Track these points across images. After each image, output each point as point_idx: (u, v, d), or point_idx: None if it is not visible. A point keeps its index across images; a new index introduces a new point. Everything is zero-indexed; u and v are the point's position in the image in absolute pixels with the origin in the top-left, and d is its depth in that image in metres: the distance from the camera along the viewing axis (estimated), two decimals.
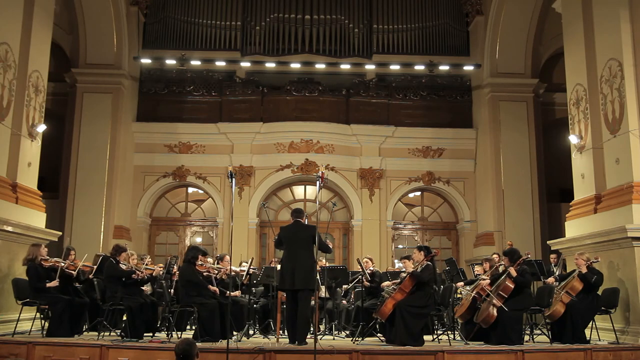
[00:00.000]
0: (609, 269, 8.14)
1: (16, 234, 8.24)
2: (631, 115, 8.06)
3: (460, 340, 7.73)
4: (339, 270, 8.60)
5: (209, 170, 13.18)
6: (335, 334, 8.44)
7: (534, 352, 6.68)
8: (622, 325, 7.81)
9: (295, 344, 6.83)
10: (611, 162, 8.41)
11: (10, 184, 8.49)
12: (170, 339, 7.17)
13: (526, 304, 7.42)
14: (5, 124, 8.37)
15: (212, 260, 8.94)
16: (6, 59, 8.35)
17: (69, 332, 7.34)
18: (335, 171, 13.00)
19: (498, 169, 12.60)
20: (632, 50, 8.21)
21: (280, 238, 7.26)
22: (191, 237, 13.50)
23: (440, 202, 13.86)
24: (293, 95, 13.29)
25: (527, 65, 12.80)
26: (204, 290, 7.42)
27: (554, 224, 12.37)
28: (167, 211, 13.66)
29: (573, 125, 9.51)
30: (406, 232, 13.71)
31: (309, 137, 13.03)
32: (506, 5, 12.25)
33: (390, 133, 13.22)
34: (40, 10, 9.19)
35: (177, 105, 13.44)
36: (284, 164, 13.04)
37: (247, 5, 13.81)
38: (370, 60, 13.65)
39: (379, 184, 13.16)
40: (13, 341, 6.92)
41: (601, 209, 8.53)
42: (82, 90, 12.47)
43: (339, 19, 13.69)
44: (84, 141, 12.23)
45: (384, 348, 6.85)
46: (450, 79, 13.78)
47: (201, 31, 13.65)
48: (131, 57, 12.92)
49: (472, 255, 12.71)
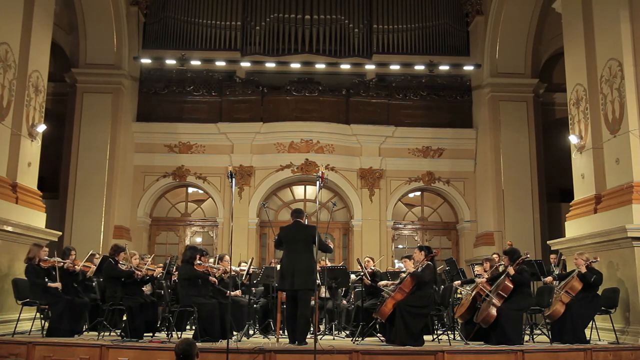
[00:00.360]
0: (609, 269, 8.14)
1: (16, 234, 8.24)
2: (631, 115, 8.06)
3: (460, 340, 7.73)
4: (339, 270, 8.60)
5: (209, 170, 13.18)
6: (335, 334, 8.43)
7: (534, 352, 6.68)
8: (622, 325, 7.81)
9: (295, 344, 6.83)
10: (611, 162, 8.41)
11: (10, 184, 8.49)
12: (170, 339, 7.17)
13: (526, 304, 7.42)
14: (5, 124, 8.37)
15: (213, 261, 8.92)
16: (6, 59, 8.35)
17: (69, 332, 7.34)
18: (335, 171, 13.00)
19: (498, 169, 12.61)
20: (632, 50, 8.21)
21: (280, 238, 7.26)
22: (191, 237, 13.50)
23: (440, 202, 13.86)
24: (293, 95, 13.29)
25: (527, 65, 12.81)
26: (204, 290, 7.42)
27: (554, 224, 12.37)
28: (167, 211, 13.66)
29: (573, 125, 9.51)
30: (406, 232, 13.71)
31: (309, 137, 13.03)
32: (506, 5, 12.25)
33: (390, 133, 13.22)
34: (40, 10, 9.19)
35: (177, 105, 13.44)
36: (284, 164, 13.05)
37: (247, 5, 13.81)
38: (370, 60, 13.65)
39: (379, 184, 13.17)
40: (13, 341, 6.92)
41: (601, 209, 8.53)
42: (82, 90, 12.47)
43: (339, 19, 13.69)
44: (84, 141, 12.23)
45: (384, 348, 6.85)
46: (450, 79, 13.78)
47: (201, 31, 13.65)
48: (131, 57, 12.92)
49: (472, 255, 12.71)
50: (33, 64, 9.07)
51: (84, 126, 12.30)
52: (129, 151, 12.94)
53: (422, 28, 13.80)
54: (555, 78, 13.52)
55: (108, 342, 6.77)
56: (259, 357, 6.30)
